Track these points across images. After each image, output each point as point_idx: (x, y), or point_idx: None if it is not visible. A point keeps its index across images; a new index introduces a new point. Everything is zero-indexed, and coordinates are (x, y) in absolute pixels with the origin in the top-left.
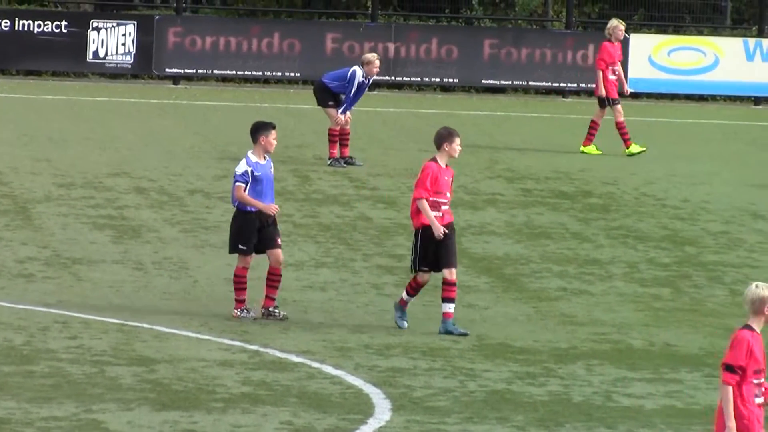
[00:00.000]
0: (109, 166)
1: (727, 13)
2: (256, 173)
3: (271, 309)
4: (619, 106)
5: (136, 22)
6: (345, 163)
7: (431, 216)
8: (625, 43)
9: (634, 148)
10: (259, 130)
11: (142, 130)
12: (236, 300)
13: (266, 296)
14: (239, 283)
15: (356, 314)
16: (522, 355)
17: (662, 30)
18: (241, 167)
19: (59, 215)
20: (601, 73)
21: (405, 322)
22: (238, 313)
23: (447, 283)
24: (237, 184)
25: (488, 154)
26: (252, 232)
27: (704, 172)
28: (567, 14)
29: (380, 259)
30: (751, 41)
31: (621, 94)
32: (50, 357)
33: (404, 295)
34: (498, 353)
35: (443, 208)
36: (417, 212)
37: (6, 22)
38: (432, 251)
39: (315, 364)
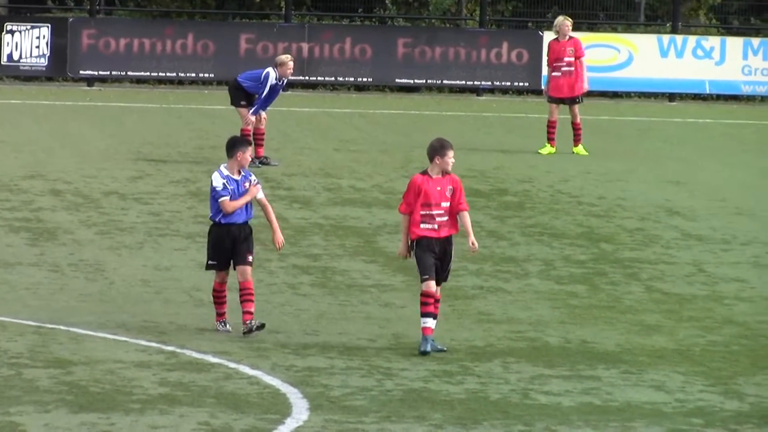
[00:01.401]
0: (24, 169)
1: (641, 10)
2: (229, 186)
3: (250, 323)
4: (554, 106)
5: (50, 25)
6: (260, 163)
7: (402, 233)
8: (539, 40)
9: (548, 150)
10: (236, 145)
11: (57, 132)
12: (216, 313)
13: (243, 312)
14: (217, 297)
15: (273, 314)
16: (439, 354)
17: (576, 27)
18: (217, 181)
19: None
20: (548, 71)
21: (429, 346)
22: (217, 326)
23: (432, 297)
24: (221, 199)
25: (403, 152)
26: (224, 245)
27: (619, 169)
28: (480, 13)
29: (296, 258)
30: (665, 38)
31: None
32: None
33: (421, 320)
34: (415, 352)
35: (438, 219)
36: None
37: None
38: (430, 261)
39: (232, 365)
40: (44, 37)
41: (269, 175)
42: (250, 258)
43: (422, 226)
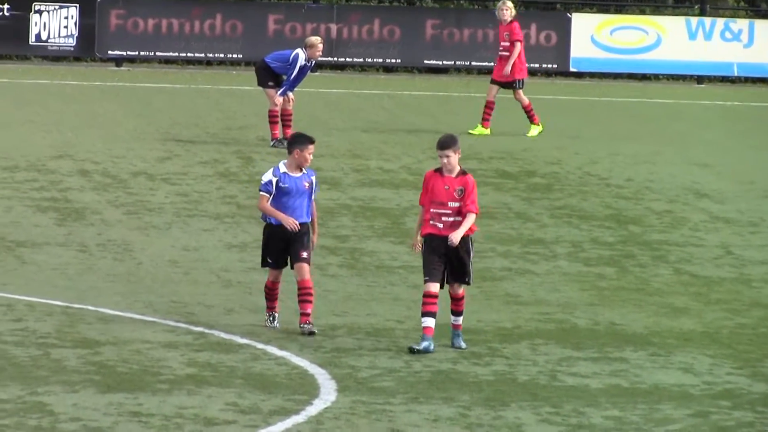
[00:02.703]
0: (52, 149)
1: None
2: (282, 184)
3: (305, 327)
4: (493, 86)
5: (78, 5)
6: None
7: (416, 225)
8: (567, 22)
9: (480, 130)
10: (294, 142)
11: (85, 112)
12: (266, 306)
13: (301, 313)
14: (268, 294)
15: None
16: (467, 335)
17: (604, 9)
18: (266, 176)
19: (2, 198)
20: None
21: (422, 344)
22: (266, 320)
23: (453, 298)
24: (260, 193)
25: (431, 134)
26: (277, 245)
27: (648, 151)
28: None
29: (324, 240)
30: (694, 20)
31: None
32: None
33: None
34: (443, 333)
35: (444, 219)
36: None
37: None
38: (434, 262)
39: (260, 346)
40: (72, 17)
41: None
42: (305, 254)
43: (431, 223)
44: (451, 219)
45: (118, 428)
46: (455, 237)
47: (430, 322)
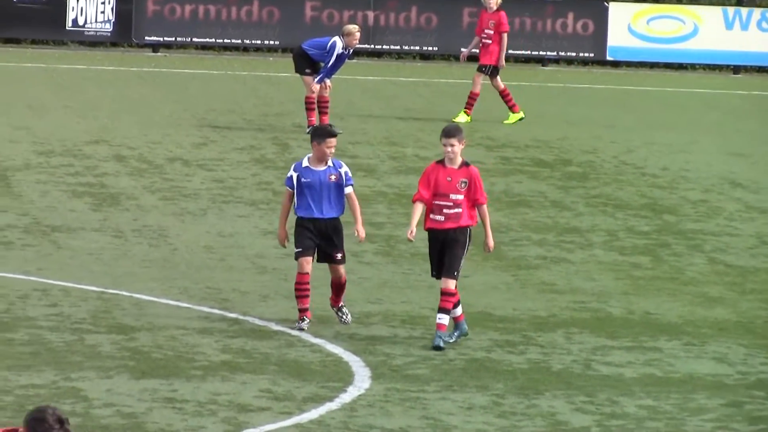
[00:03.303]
0: (88, 134)
1: None
2: (303, 179)
3: (337, 309)
4: (478, 75)
5: None
6: None
7: (412, 218)
8: (604, 11)
9: (463, 117)
10: (314, 135)
11: (122, 97)
12: (299, 309)
13: (333, 296)
14: (298, 290)
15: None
16: (502, 324)
17: None
18: (289, 171)
19: (39, 183)
20: (476, 39)
21: (441, 340)
22: (298, 323)
23: (442, 293)
24: (285, 188)
25: (467, 122)
26: (305, 235)
27: (683, 140)
28: None
29: None
30: (731, 10)
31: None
32: (30, 325)
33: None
34: (478, 321)
35: (446, 212)
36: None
37: None
38: (435, 257)
39: (294, 333)
40: (109, 2)
41: None
42: (339, 256)
43: (431, 216)
44: (452, 211)
45: (152, 414)
46: (491, 244)
47: (455, 311)
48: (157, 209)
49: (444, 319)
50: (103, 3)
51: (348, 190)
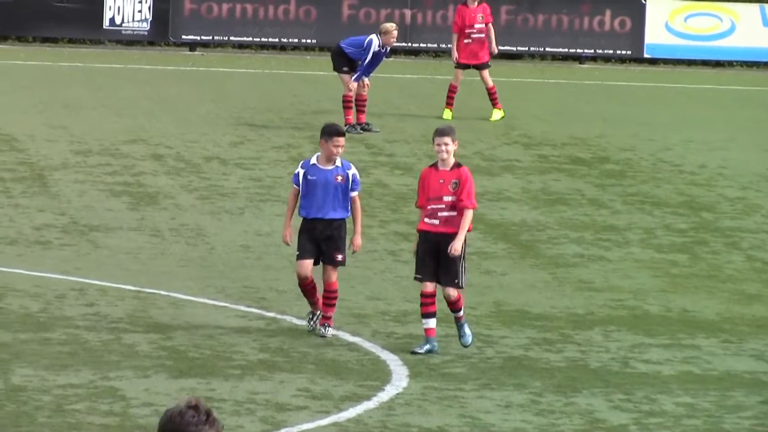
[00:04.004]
0: (125, 133)
1: None
2: (310, 177)
3: (320, 328)
4: (459, 71)
5: None
6: (362, 129)
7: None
8: (641, 8)
9: (448, 114)
10: (322, 133)
11: (159, 96)
12: (309, 303)
13: (322, 315)
14: (303, 290)
15: (373, 281)
16: (539, 322)
17: None
18: (297, 168)
19: (76, 182)
20: (454, 36)
21: (424, 347)
22: (307, 318)
23: (447, 303)
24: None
25: (505, 120)
26: (306, 237)
27: (721, 138)
28: None
29: (397, 225)
30: None
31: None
32: (67, 324)
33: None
34: (515, 319)
35: (441, 215)
36: None
37: None
38: (427, 260)
39: (332, 331)
40: (146, 1)
41: (371, 142)
42: (339, 257)
43: (425, 220)
44: (446, 214)
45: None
46: (456, 247)
47: (431, 323)
48: (194, 208)
49: (460, 313)
50: (140, 2)
51: (354, 194)
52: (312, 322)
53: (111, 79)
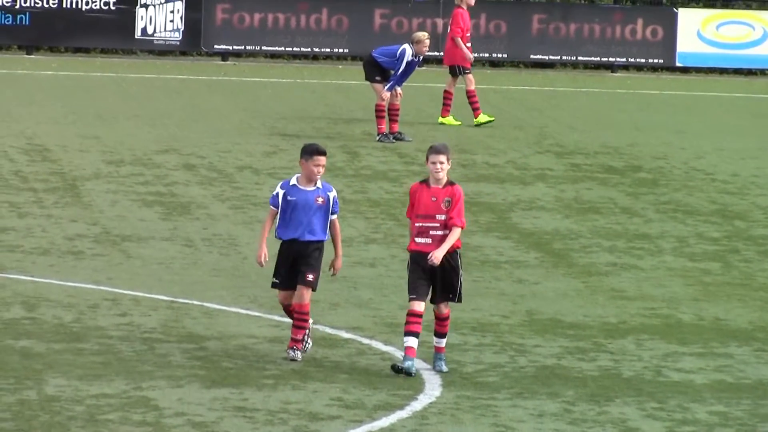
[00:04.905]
0: (157, 143)
1: None
2: (289, 197)
3: (290, 351)
4: (470, 75)
5: None
6: (394, 138)
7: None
8: (673, 17)
9: (483, 117)
10: (302, 152)
11: (191, 106)
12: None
13: (291, 338)
14: (287, 314)
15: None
16: (572, 330)
17: (711, 4)
18: (276, 189)
19: (108, 192)
20: (459, 40)
21: (405, 366)
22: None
23: (436, 318)
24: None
25: (537, 129)
26: (282, 262)
27: (753, 146)
28: None
29: None
30: None
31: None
32: (100, 334)
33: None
34: (548, 328)
35: (433, 233)
36: None
37: (54, 0)
38: (420, 280)
39: (365, 341)
40: (178, 11)
41: (403, 151)
42: (310, 277)
43: (416, 240)
44: (440, 233)
45: (222, 423)
46: (436, 256)
47: (412, 342)
48: (227, 218)
49: (442, 342)
50: (173, 12)
51: (333, 217)
52: (304, 345)
53: (143, 89)
